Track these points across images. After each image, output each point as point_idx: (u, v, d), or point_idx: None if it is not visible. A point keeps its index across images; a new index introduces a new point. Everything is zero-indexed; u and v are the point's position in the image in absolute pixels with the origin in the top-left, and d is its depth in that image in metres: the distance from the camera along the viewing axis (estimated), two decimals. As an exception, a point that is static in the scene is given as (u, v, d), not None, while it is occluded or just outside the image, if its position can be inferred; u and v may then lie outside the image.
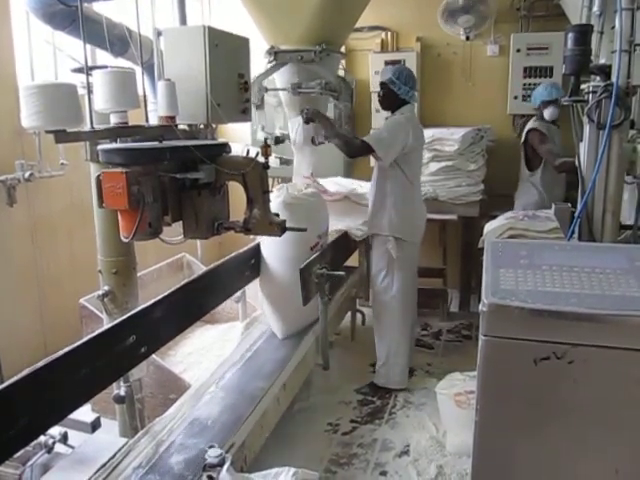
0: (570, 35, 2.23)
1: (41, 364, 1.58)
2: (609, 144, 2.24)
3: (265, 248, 2.91)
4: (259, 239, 2.94)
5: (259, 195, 2.13)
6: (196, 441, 1.99)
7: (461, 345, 4.09)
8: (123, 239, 1.95)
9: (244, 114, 2.65)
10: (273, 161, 3.04)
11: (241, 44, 2.62)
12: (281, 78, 3.26)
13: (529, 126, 4.01)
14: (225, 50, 2.43)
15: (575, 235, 2.36)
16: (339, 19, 3.09)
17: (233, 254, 2.79)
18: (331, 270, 2.80)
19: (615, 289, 1.48)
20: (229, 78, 2.51)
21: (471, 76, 4.88)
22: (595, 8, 2.28)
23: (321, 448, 2.86)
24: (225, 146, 2.17)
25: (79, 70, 2.39)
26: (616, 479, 1.45)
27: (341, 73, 3.56)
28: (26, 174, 3.18)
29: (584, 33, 2.22)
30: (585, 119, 2.30)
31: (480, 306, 1.50)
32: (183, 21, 2.55)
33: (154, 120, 2.36)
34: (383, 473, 2.67)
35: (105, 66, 2.41)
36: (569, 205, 2.66)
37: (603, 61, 2.28)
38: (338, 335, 4.04)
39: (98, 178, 1.86)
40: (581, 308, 1.41)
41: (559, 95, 3.84)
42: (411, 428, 3.02)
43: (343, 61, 4.06)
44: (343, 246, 3.47)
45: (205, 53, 2.33)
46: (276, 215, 2.22)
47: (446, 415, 2.80)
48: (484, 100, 4.81)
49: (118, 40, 2.99)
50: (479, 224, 3.58)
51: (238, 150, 3.02)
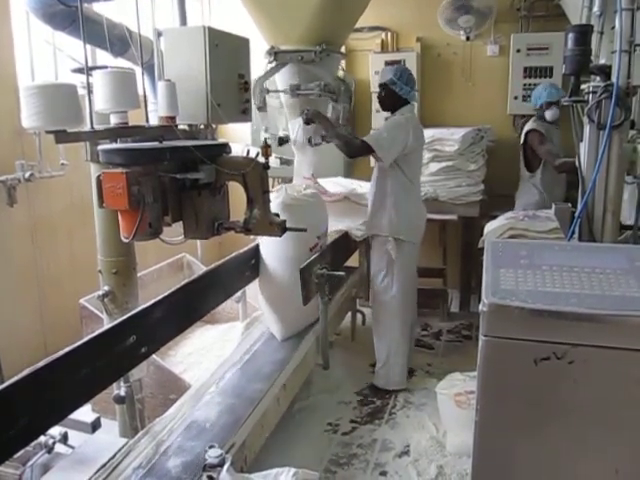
0: (570, 35, 2.23)
1: (41, 364, 1.58)
2: (609, 144, 2.24)
3: (264, 249, 2.90)
4: (259, 240, 2.94)
5: (259, 195, 2.13)
6: (196, 441, 1.99)
7: (461, 345, 4.08)
8: (123, 239, 1.96)
9: (244, 114, 2.66)
10: (273, 161, 3.04)
11: (241, 44, 2.62)
12: (281, 79, 3.26)
13: (528, 127, 4.00)
14: (225, 50, 2.44)
15: (575, 235, 2.36)
16: (339, 19, 3.09)
17: (233, 254, 2.78)
18: (331, 270, 2.79)
19: (615, 289, 1.48)
20: (229, 78, 2.51)
21: (471, 76, 4.88)
22: (595, 8, 2.28)
23: (321, 448, 2.86)
24: (225, 146, 2.17)
25: (79, 70, 2.39)
26: (616, 479, 1.45)
27: (341, 74, 3.55)
28: (26, 174, 3.19)
29: (584, 33, 2.22)
30: (585, 119, 2.30)
31: (480, 306, 1.50)
32: (183, 21, 2.56)
33: (154, 120, 2.37)
34: (383, 473, 2.67)
35: (105, 66, 2.42)
36: (569, 205, 2.67)
37: (603, 61, 2.28)
38: (338, 335, 4.04)
39: (98, 178, 1.87)
40: (581, 308, 1.41)
41: (560, 96, 3.83)
42: (411, 428, 3.02)
43: (343, 62, 4.04)
44: (343, 246, 3.46)
45: (205, 53, 2.34)
46: (276, 215, 2.22)
47: (446, 415, 2.80)
48: (484, 100, 4.81)
49: (118, 40, 2.99)
50: (479, 224, 3.58)
51: (238, 150, 3.03)
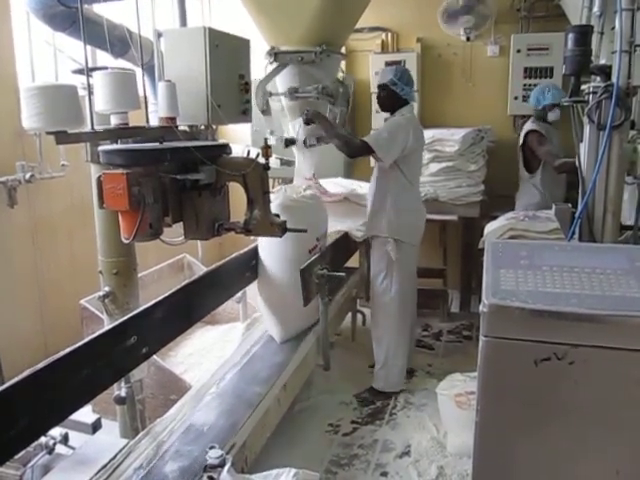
0: (570, 36, 2.23)
1: (42, 365, 1.58)
2: (609, 145, 2.24)
3: (262, 251, 2.89)
4: (258, 241, 2.94)
5: (259, 196, 2.13)
6: (197, 442, 1.99)
7: (461, 346, 4.08)
8: (124, 240, 1.96)
9: (244, 115, 2.65)
10: (274, 162, 3.03)
11: (241, 45, 2.62)
12: (281, 82, 3.26)
13: (527, 128, 3.99)
14: (225, 51, 2.43)
15: (575, 236, 2.36)
16: (339, 20, 3.09)
17: (234, 255, 2.78)
18: (332, 271, 2.79)
19: (615, 290, 1.48)
20: (229, 79, 2.51)
21: (471, 77, 4.88)
22: (595, 9, 2.28)
23: (322, 449, 2.86)
24: (225, 147, 2.18)
25: (79, 71, 2.39)
26: (617, 480, 1.45)
27: (340, 75, 3.54)
28: (27, 175, 3.19)
29: (584, 34, 2.22)
30: (585, 120, 2.30)
31: (480, 307, 1.50)
32: (183, 22, 2.56)
33: (154, 121, 2.37)
34: (384, 474, 2.67)
35: (105, 67, 2.41)
36: (569, 206, 2.66)
37: (603, 62, 2.27)
38: (339, 336, 4.04)
39: (99, 179, 1.87)
40: (581, 309, 1.41)
41: (562, 97, 3.82)
42: (412, 429, 3.01)
43: (343, 63, 4.04)
44: (343, 247, 3.46)
45: (205, 54, 2.33)
46: (276, 216, 2.22)
47: (447, 416, 2.80)
48: (484, 101, 4.81)
49: (118, 41, 2.99)
50: (479, 225, 3.57)
51: (238, 151, 3.02)
